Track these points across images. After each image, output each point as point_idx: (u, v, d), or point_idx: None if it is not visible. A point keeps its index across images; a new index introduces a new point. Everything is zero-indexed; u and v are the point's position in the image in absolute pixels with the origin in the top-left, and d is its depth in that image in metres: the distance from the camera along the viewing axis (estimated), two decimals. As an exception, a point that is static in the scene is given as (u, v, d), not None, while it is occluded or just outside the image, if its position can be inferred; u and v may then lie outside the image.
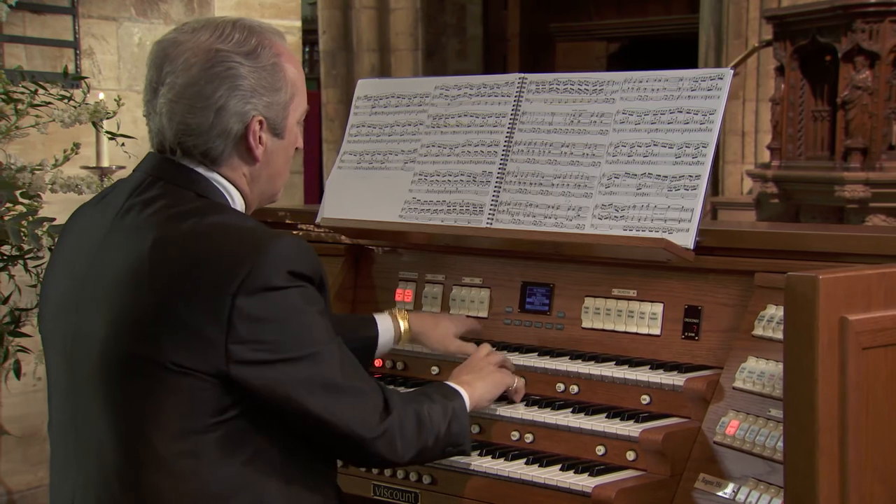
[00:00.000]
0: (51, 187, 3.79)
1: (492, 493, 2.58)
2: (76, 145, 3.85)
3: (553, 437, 2.66)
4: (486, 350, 2.75)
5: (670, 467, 2.49)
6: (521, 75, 3.08)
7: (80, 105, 3.87)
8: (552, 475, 2.49)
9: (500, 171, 3.00)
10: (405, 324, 2.90)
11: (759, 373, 2.45)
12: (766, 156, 8.51)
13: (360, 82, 3.39)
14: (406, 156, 3.18)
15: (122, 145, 3.94)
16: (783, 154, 7.81)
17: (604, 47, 14.16)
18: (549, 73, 3.06)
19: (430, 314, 3.04)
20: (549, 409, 2.69)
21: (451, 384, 2.52)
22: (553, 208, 2.88)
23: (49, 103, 3.84)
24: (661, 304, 2.79)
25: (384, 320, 2.89)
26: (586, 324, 2.90)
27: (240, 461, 2.11)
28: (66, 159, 3.83)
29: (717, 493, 2.39)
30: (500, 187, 2.99)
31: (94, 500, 2.17)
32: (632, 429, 2.53)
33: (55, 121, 3.84)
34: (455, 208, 3.04)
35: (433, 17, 12.57)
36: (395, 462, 2.30)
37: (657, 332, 2.79)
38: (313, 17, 11.71)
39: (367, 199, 3.20)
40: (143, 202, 2.20)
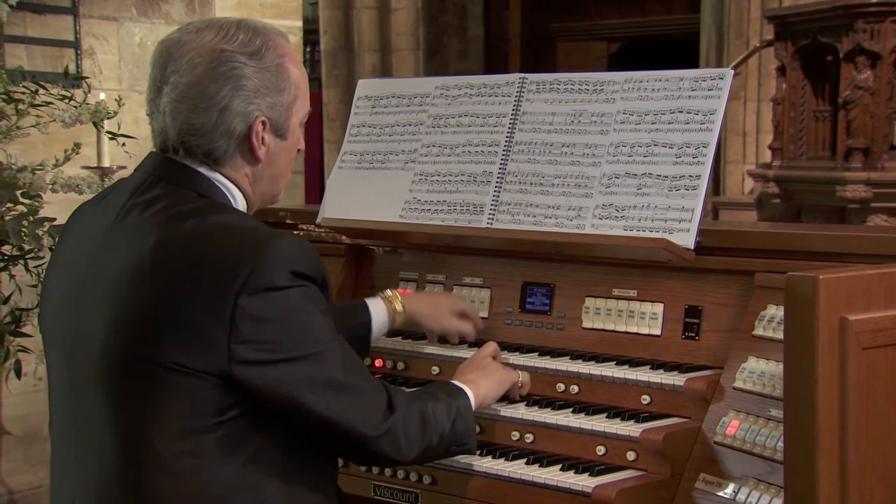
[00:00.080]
0: (51, 187, 3.79)
1: (492, 493, 2.58)
2: (77, 145, 3.85)
3: (553, 437, 2.66)
4: (490, 349, 2.73)
5: (671, 467, 2.48)
6: (522, 75, 3.08)
7: (81, 105, 3.87)
8: (552, 475, 2.49)
9: (500, 171, 3.00)
10: (398, 306, 2.88)
11: (760, 373, 2.45)
12: (767, 156, 8.51)
13: (360, 82, 3.39)
14: (406, 156, 3.18)
15: (123, 145, 3.94)
16: (784, 154, 7.81)
17: (605, 47, 14.15)
18: (549, 73, 3.06)
19: (425, 293, 3.02)
20: (549, 409, 2.69)
21: (455, 382, 2.52)
22: (553, 208, 2.88)
23: (50, 103, 3.84)
24: (662, 304, 2.79)
25: (376, 304, 2.87)
26: (587, 324, 2.90)
27: (241, 461, 2.11)
28: (67, 159, 3.83)
29: (718, 494, 2.39)
30: (501, 187, 2.99)
31: (95, 500, 2.16)
32: (632, 429, 2.53)
33: (56, 121, 3.84)
34: (455, 208, 3.04)
35: (434, 17, 12.57)
36: (399, 461, 2.29)
37: (657, 332, 2.79)
38: (314, 17, 11.71)
39: (368, 199, 3.20)
40: (144, 202, 2.19)
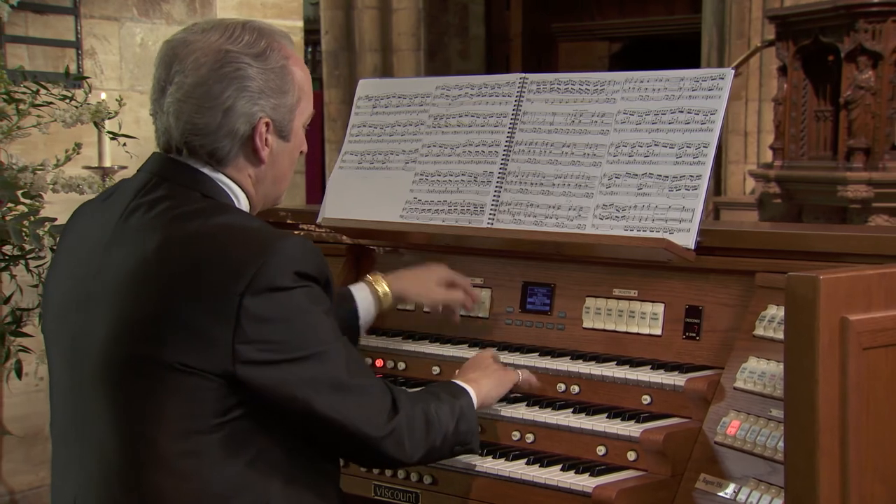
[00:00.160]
0: (52, 187, 3.79)
1: (492, 494, 2.57)
2: (78, 145, 3.86)
3: (554, 437, 2.66)
4: (490, 352, 2.74)
5: (671, 467, 2.48)
6: (522, 75, 3.08)
7: (82, 105, 3.87)
8: (553, 475, 2.49)
9: (501, 171, 3.00)
10: (383, 287, 2.87)
11: (760, 373, 2.45)
12: (768, 156, 8.51)
13: (361, 82, 3.39)
14: (407, 156, 3.18)
15: (124, 145, 3.94)
16: (786, 154, 7.81)
17: (606, 47, 14.15)
18: (550, 73, 3.06)
19: (409, 269, 2.99)
20: (549, 410, 2.69)
21: (458, 382, 2.51)
22: (554, 208, 2.88)
23: (51, 103, 3.85)
24: (662, 305, 2.79)
25: (360, 290, 2.85)
26: (587, 324, 2.90)
27: (243, 462, 2.11)
28: (68, 159, 3.84)
29: (718, 494, 2.39)
30: (501, 187, 2.99)
31: (96, 500, 2.16)
32: (633, 429, 2.53)
33: (57, 121, 3.85)
34: (456, 208, 3.04)
35: (435, 18, 12.57)
36: (403, 462, 2.29)
37: (658, 332, 2.79)
38: (315, 17, 11.72)
39: (369, 199, 3.20)
40: (148, 203, 2.19)
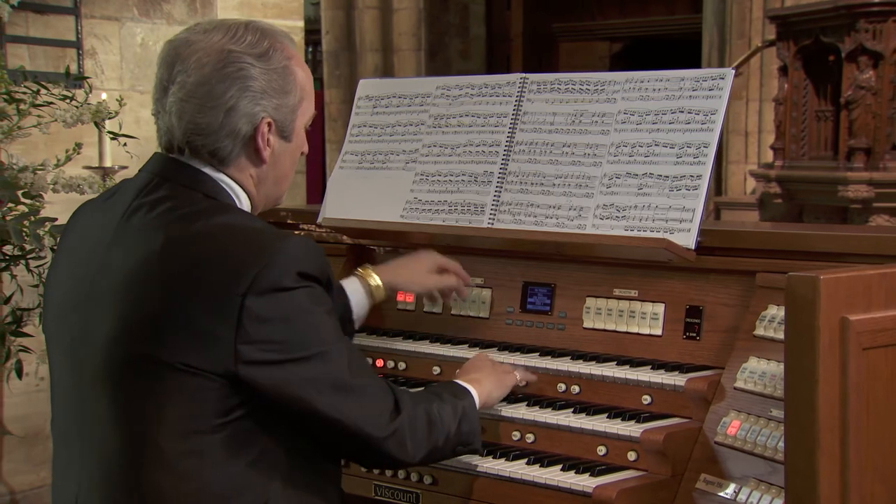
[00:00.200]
0: (53, 187, 3.79)
1: (493, 494, 2.57)
2: (78, 145, 3.86)
3: (554, 437, 2.66)
4: (489, 355, 2.75)
5: (671, 467, 2.48)
6: (523, 75, 3.08)
7: (83, 105, 3.87)
8: (553, 475, 2.49)
9: (501, 171, 3.00)
10: (375, 280, 2.86)
11: (761, 373, 2.45)
12: (769, 156, 8.51)
13: (361, 82, 3.39)
14: (407, 156, 3.18)
15: (125, 145, 3.94)
16: (786, 154, 7.81)
17: (607, 47, 14.15)
18: (550, 73, 3.06)
19: (399, 259, 2.99)
20: (550, 410, 2.69)
21: (460, 382, 2.51)
22: (554, 208, 2.88)
23: (51, 103, 3.85)
24: (663, 305, 2.79)
25: (351, 284, 2.85)
26: (587, 324, 2.90)
27: (245, 462, 2.11)
28: (68, 159, 3.84)
29: (719, 494, 2.39)
30: (502, 187, 2.99)
31: (97, 500, 2.16)
32: (633, 429, 2.53)
33: (57, 121, 3.84)
34: (456, 208, 3.04)
35: (436, 17, 12.57)
36: (405, 462, 2.29)
37: (658, 332, 2.79)
38: (316, 17, 11.71)
39: (369, 199, 3.20)
40: (150, 203, 2.19)
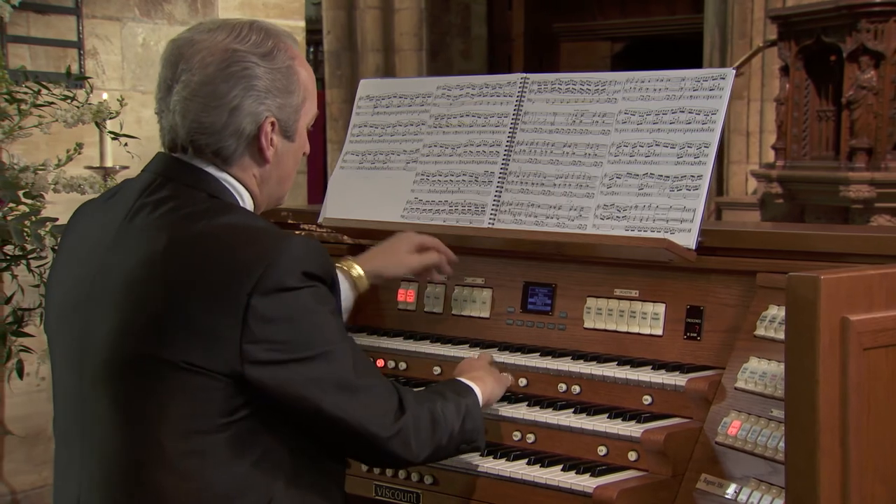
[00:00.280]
0: (54, 187, 3.80)
1: (493, 494, 2.57)
2: (79, 145, 3.86)
3: (555, 437, 2.66)
4: (488, 356, 2.75)
5: (672, 468, 2.48)
6: (524, 75, 3.08)
7: (84, 105, 3.87)
8: (554, 475, 2.49)
9: (502, 171, 3.00)
10: (357, 270, 2.87)
11: (761, 373, 2.45)
12: (770, 156, 8.51)
13: (362, 82, 3.39)
14: (408, 156, 3.18)
15: (126, 145, 3.94)
16: (788, 154, 7.80)
17: (608, 47, 14.15)
18: (551, 73, 3.06)
19: (377, 247, 2.97)
20: (550, 410, 2.69)
21: (462, 380, 2.51)
22: (555, 208, 2.88)
23: (52, 103, 3.85)
24: (664, 305, 2.79)
25: None
26: (588, 324, 2.90)
27: (248, 461, 2.11)
28: (69, 159, 3.84)
29: (719, 494, 2.39)
30: (502, 187, 2.99)
31: (99, 500, 2.16)
32: (633, 429, 2.53)
33: (58, 121, 3.85)
34: (457, 208, 3.04)
35: (438, 18, 12.57)
36: (410, 461, 2.29)
37: (659, 332, 2.78)
38: (317, 17, 11.71)
39: (370, 199, 3.20)
40: (153, 203, 2.19)
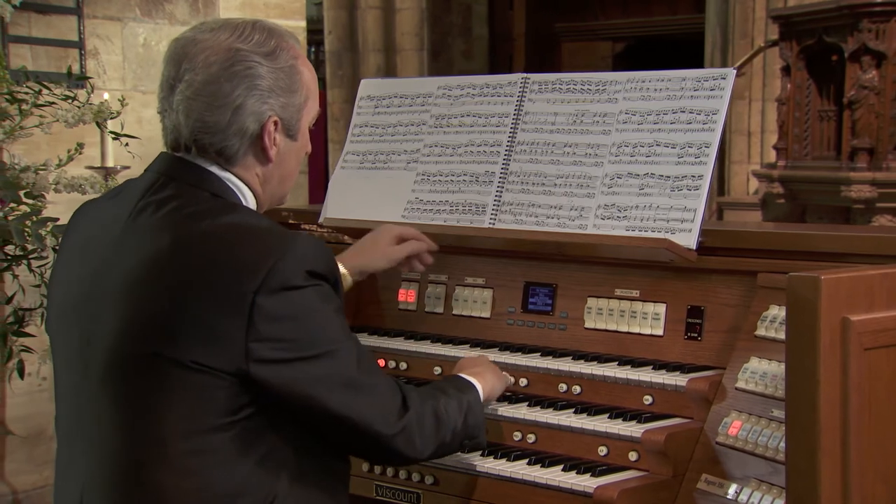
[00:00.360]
0: (55, 187, 3.79)
1: (494, 494, 2.57)
2: (80, 145, 3.86)
3: (555, 437, 2.66)
4: (488, 357, 2.76)
5: (672, 468, 2.48)
6: (524, 75, 3.08)
7: (84, 105, 3.87)
8: (554, 476, 2.49)
9: (502, 171, 3.00)
10: (340, 268, 2.83)
11: (762, 373, 2.45)
12: (772, 156, 8.50)
13: (363, 82, 3.39)
14: (409, 156, 3.18)
15: (126, 145, 3.94)
16: (789, 154, 7.80)
17: (609, 47, 14.14)
18: (551, 73, 3.05)
19: (357, 243, 2.98)
20: (551, 410, 2.69)
21: (463, 376, 2.53)
22: (556, 208, 2.88)
23: (53, 103, 3.84)
24: (664, 305, 2.79)
25: None
26: (589, 324, 2.89)
27: (253, 460, 2.11)
28: (70, 159, 3.83)
29: (720, 494, 2.39)
30: (503, 187, 2.98)
31: (102, 499, 2.15)
32: (634, 429, 2.53)
33: (59, 121, 3.84)
34: (458, 208, 3.04)
35: (439, 18, 12.56)
36: (414, 459, 2.30)
37: (660, 332, 2.78)
38: (319, 17, 11.71)
39: (370, 199, 3.20)
40: (157, 202, 2.19)
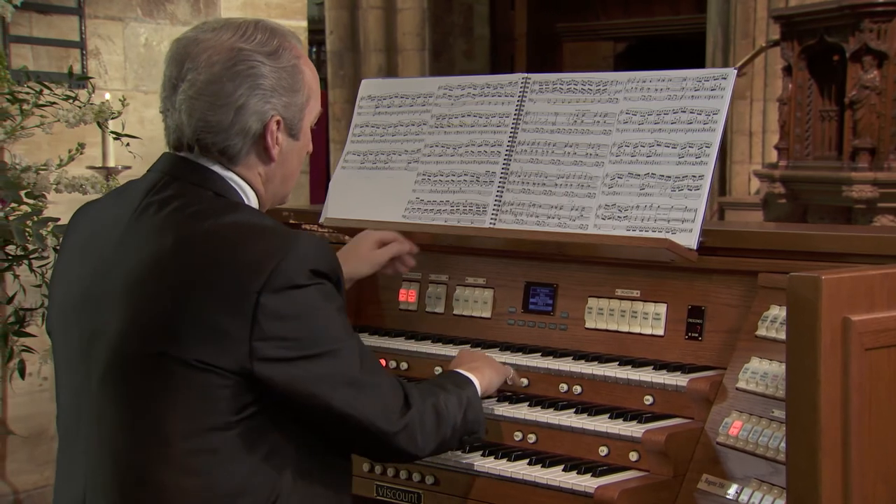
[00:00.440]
0: (55, 187, 3.80)
1: (494, 494, 2.57)
2: (81, 145, 3.86)
3: (556, 437, 2.65)
4: (485, 354, 2.78)
5: (673, 468, 2.48)
6: (525, 75, 3.07)
7: (85, 105, 3.87)
8: (555, 476, 2.49)
9: (503, 171, 3.00)
10: None
11: (763, 373, 2.45)
12: (773, 156, 8.50)
13: (363, 82, 3.39)
14: (409, 156, 3.18)
15: (128, 145, 3.94)
16: (791, 154, 7.80)
17: (611, 47, 14.14)
18: (552, 73, 3.05)
19: (339, 253, 2.95)
20: (552, 410, 2.69)
21: (461, 371, 2.54)
22: (556, 208, 2.88)
23: (54, 103, 3.84)
24: (665, 305, 2.78)
25: None
26: (590, 324, 2.89)
27: (256, 458, 2.12)
28: (71, 159, 3.84)
29: (720, 494, 2.39)
30: (504, 187, 2.98)
31: (106, 498, 2.16)
32: (635, 429, 2.53)
33: (60, 121, 3.84)
34: (458, 208, 3.04)
35: (440, 18, 12.56)
36: (416, 455, 2.32)
37: (660, 332, 2.78)
38: (320, 17, 11.72)
39: (371, 200, 3.19)
40: (159, 201, 2.20)
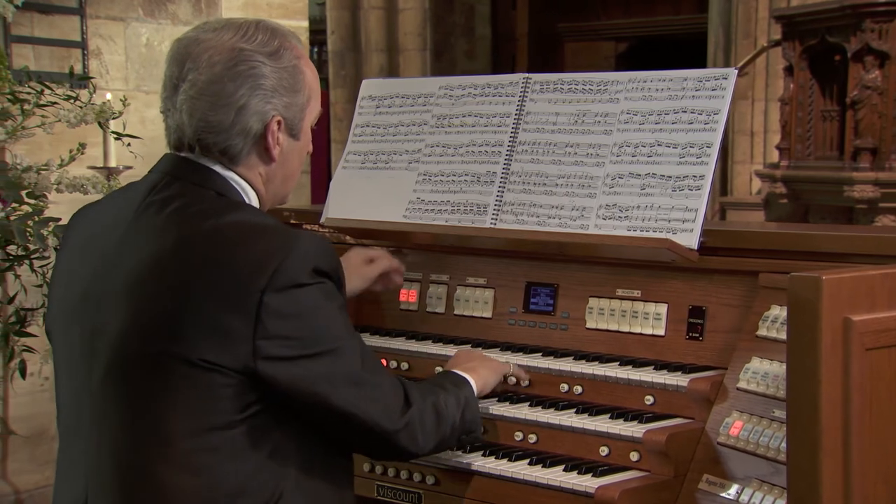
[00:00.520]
0: (56, 187, 3.79)
1: (495, 494, 2.57)
2: (82, 145, 3.86)
3: (556, 437, 2.65)
4: (482, 353, 2.79)
5: (674, 468, 2.48)
6: (526, 75, 3.07)
7: (87, 105, 3.87)
8: (555, 476, 2.49)
9: (504, 171, 3.00)
10: None
11: (763, 373, 2.45)
12: (774, 156, 8.50)
13: (364, 82, 3.39)
14: (410, 156, 3.18)
15: (129, 145, 3.94)
16: (792, 154, 7.80)
17: (612, 47, 14.14)
18: (553, 73, 3.05)
19: None
20: (552, 410, 2.68)
21: (458, 372, 2.57)
22: (557, 208, 2.88)
23: (55, 103, 3.84)
24: (666, 305, 2.78)
25: None
26: (590, 324, 2.89)
27: (259, 458, 2.12)
28: (72, 159, 3.84)
29: (721, 494, 2.39)
30: (504, 187, 2.98)
31: (108, 497, 2.16)
32: (635, 429, 2.53)
33: (61, 121, 3.84)
34: (459, 208, 3.04)
35: (441, 18, 12.56)
36: (416, 454, 2.34)
37: (661, 332, 2.78)
38: (322, 17, 11.72)
39: (372, 200, 3.19)
40: (160, 201, 2.20)
